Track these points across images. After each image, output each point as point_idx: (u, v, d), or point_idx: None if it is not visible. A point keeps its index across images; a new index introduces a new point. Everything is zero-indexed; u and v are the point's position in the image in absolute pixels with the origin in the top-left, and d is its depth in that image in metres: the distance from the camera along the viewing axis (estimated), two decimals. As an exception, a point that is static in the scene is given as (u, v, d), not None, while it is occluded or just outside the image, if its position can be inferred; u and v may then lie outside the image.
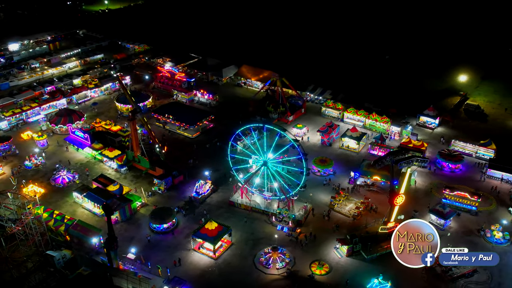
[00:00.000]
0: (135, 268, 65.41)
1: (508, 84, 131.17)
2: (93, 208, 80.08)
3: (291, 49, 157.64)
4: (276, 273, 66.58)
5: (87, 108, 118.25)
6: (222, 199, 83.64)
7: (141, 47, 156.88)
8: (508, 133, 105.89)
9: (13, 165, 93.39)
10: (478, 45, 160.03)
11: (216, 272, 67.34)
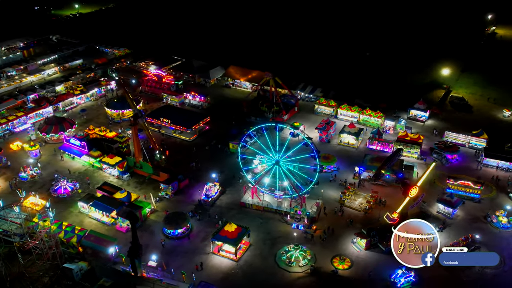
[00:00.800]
0: (158, 275, 64.21)
1: (486, 75, 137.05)
2: (102, 217, 77.94)
3: (277, 48, 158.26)
4: (300, 271, 66.80)
5: (75, 115, 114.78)
6: (232, 201, 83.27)
7: (121, 51, 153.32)
8: (495, 122, 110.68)
9: (6, 178, 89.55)
10: (453, 39, 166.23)
11: (239, 274, 67.04)
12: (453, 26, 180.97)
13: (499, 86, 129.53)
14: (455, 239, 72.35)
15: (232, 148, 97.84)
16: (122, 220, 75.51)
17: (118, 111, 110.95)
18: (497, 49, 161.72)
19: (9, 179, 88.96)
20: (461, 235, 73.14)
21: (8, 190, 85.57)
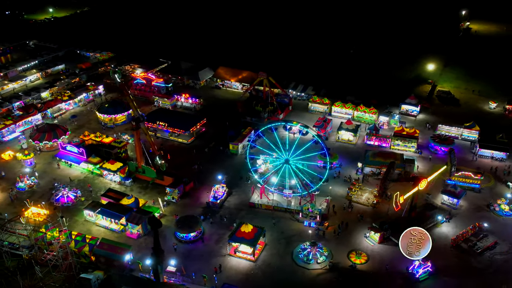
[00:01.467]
0: (179, 280, 63.47)
1: (467, 69, 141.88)
2: (110, 225, 76.30)
3: (265, 48, 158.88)
4: (319, 268, 67.37)
5: (65, 121, 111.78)
6: (240, 202, 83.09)
7: (104, 55, 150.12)
8: (482, 114, 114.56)
9: (2, 189, 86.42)
10: (432, 35, 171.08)
11: (259, 274, 67.02)
12: (430, 22, 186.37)
13: (481, 79, 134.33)
14: (463, 228, 74.56)
15: (233, 149, 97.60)
16: (132, 226, 74.07)
17: (110, 116, 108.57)
18: (474, 43, 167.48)
19: (5, 190, 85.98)
20: (468, 224, 75.55)
21: (7, 202, 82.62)
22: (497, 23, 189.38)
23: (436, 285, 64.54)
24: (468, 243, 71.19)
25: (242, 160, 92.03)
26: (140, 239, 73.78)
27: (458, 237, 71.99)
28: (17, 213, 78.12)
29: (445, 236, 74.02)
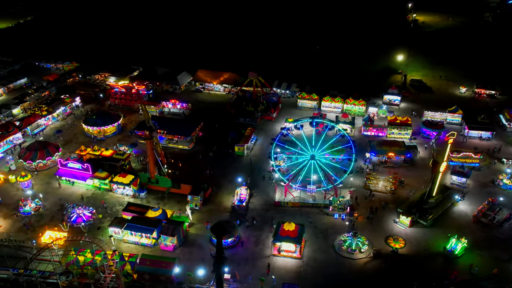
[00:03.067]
0: (236, 286, 62.59)
1: (429, 58, 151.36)
2: (140, 240, 73.19)
3: (239, 49, 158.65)
4: (363, 257, 69.42)
5: (49, 138, 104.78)
6: (264, 202, 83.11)
7: (70, 65, 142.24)
8: (454, 99, 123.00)
9: (4, 215, 79.64)
10: (385, 28, 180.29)
11: (309, 270, 67.73)
12: (380, 15, 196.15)
13: (443, 66, 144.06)
14: (478, 204, 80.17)
15: (238, 151, 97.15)
16: (164, 238, 71.68)
17: (100, 128, 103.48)
18: (426, 34, 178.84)
19: (8, 216, 79.36)
20: (479, 200, 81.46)
21: (15, 228, 76.29)
22: (440, 14, 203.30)
23: (473, 259, 68.76)
24: (487, 218, 76.57)
25: (257, 161, 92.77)
26: (176, 251, 71.45)
27: (479, 212, 77.17)
28: (32, 238, 72.88)
29: (465, 213, 79.19)
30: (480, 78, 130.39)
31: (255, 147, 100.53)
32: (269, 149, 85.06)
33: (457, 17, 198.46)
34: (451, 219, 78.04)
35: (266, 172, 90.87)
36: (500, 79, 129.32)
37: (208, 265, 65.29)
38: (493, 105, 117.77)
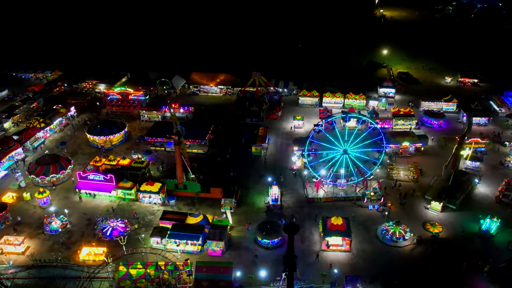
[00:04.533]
0: (298, 284, 63.02)
1: (408, 50, 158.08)
2: (184, 247, 71.75)
3: (227, 50, 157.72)
4: (408, 244, 72.02)
5: (52, 150, 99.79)
6: (296, 199, 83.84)
7: (53, 74, 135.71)
8: (441, 88, 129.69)
9: (29, 235, 75.16)
10: (358, 23, 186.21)
11: (361, 262, 69.25)
12: (348, 11, 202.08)
13: (422, 57, 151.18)
14: (494, 186, 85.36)
15: (255, 151, 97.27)
16: (210, 243, 70.82)
17: (107, 137, 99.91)
18: (396, 27, 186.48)
19: (33, 236, 74.97)
20: (493, 182, 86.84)
21: (46, 247, 72.27)
22: (405, 8, 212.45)
23: (506, 237, 73.19)
24: (508, 198, 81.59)
25: (274, 159, 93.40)
26: (225, 255, 70.74)
27: (500, 193, 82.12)
28: (69, 256, 69.54)
29: (486, 195, 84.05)
30: (459, 67, 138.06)
31: (269, 147, 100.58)
32: (285, 148, 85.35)
33: (421, 11, 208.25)
34: (475, 201, 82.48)
35: (288, 170, 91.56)
36: (477, 68, 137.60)
37: (266, 266, 65.36)
38: (480, 92, 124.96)
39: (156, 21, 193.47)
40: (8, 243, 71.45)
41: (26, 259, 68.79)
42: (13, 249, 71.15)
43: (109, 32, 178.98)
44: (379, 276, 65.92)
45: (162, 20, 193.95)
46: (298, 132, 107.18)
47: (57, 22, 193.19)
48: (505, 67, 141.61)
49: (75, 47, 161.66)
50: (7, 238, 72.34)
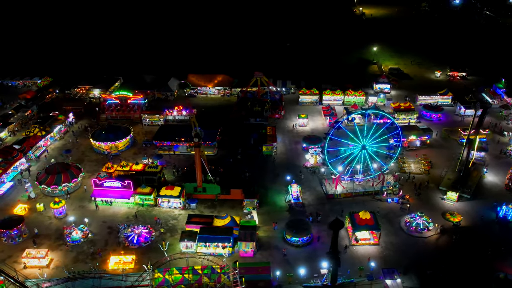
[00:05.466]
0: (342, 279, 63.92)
1: (395, 47, 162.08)
2: (215, 250, 71.30)
3: (220, 50, 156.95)
4: (433, 233, 74.18)
5: (56, 158, 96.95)
6: (315, 196, 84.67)
7: (44, 81, 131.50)
8: (432, 82, 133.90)
9: (50, 247, 72.57)
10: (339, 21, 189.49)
11: (391, 254, 70.67)
12: (327, 10, 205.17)
13: (410, 52, 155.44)
14: (501, 174, 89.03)
15: (266, 150, 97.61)
16: (243, 245, 70.76)
17: (114, 142, 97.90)
18: (377, 24, 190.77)
19: (54, 248, 72.55)
20: (498, 170, 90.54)
21: (70, 259, 70.13)
22: (382, 6, 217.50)
23: (521, 222, 76.73)
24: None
25: (286, 158, 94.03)
26: (256, 255, 70.76)
27: (509, 180, 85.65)
28: (98, 266, 67.91)
29: (495, 183, 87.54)
30: (445, 61, 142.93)
31: (277, 146, 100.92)
32: (294, 146, 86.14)
33: (398, 7, 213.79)
34: (486, 189, 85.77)
35: (302, 167, 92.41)
36: (463, 61, 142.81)
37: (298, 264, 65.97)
38: (470, 85, 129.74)
39: (149, 23, 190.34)
40: (32, 256, 68.92)
41: (53, 272, 66.62)
42: (37, 263, 68.67)
43: (98, 35, 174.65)
44: (411, 267, 67.41)
45: (155, 23, 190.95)
46: (304, 130, 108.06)
47: (43, 27, 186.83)
48: (489, 60, 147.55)
49: (62, 52, 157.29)
50: (29, 252, 69.75)
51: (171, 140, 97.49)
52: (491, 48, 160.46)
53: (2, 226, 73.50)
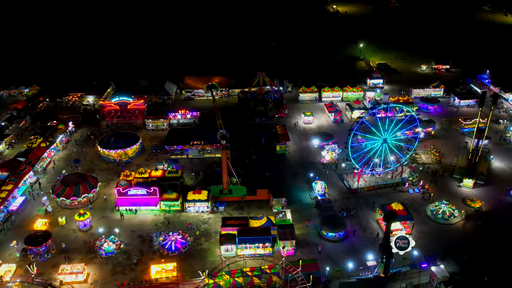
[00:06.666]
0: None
1: (376, 43, 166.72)
2: (255, 251, 71.33)
3: (213, 52, 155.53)
4: (459, 220, 77.52)
5: (66, 169, 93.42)
6: (339, 192, 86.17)
7: (32, 89, 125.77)
8: (419, 75, 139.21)
9: (83, 260, 70.06)
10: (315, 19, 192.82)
11: (426, 243, 73.06)
12: (301, 8, 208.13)
13: (392, 47, 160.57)
14: (506, 160, 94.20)
15: (280, 149, 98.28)
16: (280, 243, 71.23)
17: (124, 150, 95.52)
18: (353, 22, 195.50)
19: (87, 262, 70.00)
20: (504, 156, 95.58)
21: (107, 271, 68.00)
22: (354, 4, 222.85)
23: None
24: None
25: (300, 156, 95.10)
26: (297, 253, 71.37)
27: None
28: (136, 277, 66.43)
29: (502, 168, 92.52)
30: (428, 54, 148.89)
31: (289, 144, 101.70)
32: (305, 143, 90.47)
33: (371, 5, 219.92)
34: (495, 175, 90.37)
35: (318, 164, 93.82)
36: (444, 54, 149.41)
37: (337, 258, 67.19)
38: (457, 77, 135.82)
39: (140, 26, 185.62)
40: (68, 272, 66.32)
41: (92, 287, 64.61)
42: (74, 278, 66.14)
43: (85, 40, 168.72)
44: (447, 253, 70.10)
45: (146, 26, 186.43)
46: (311, 127, 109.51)
47: (26, 32, 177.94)
48: (469, 52, 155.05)
49: (48, 58, 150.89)
50: (64, 268, 67.09)
51: (184, 144, 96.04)
52: (467, 41, 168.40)
53: (29, 242, 70.13)
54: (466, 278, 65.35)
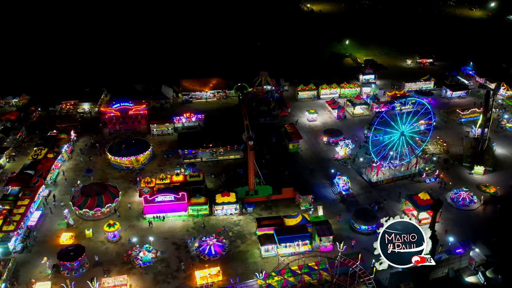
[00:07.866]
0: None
1: (358, 40, 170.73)
2: (294, 250, 71.99)
3: (207, 53, 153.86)
4: (478, 205, 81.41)
5: (77, 179, 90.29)
6: (359, 186, 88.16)
7: (22, 99, 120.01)
8: (405, 70, 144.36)
9: (120, 273, 68.25)
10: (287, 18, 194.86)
11: (453, 228, 76.23)
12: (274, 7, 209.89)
13: (374, 43, 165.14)
14: (506, 147, 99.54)
15: (293, 147, 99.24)
16: (322, 240, 72.31)
17: (137, 157, 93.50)
18: (329, 20, 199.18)
19: (124, 273, 68.24)
20: (504, 143, 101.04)
21: (149, 281, 66.80)
22: (327, 2, 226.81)
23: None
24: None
25: (312, 153, 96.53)
26: (335, 249, 72.44)
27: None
28: (183, 284, 65.72)
29: (505, 155, 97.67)
30: (411, 49, 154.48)
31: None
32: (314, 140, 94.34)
33: (345, 3, 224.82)
34: (501, 162, 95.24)
35: (332, 159, 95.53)
36: (428, 49, 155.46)
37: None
38: (441, 70, 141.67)
39: (131, 30, 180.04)
40: (112, 285, 64.41)
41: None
42: (117, 291, 64.31)
43: (73, 45, 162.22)
44: (475, 237, 73.46)
45: (137, 29, 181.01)
46: (316, 124, 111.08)
47: (12, 41, 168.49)
48: (448, 45, 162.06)
49: (35, 66, 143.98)
50: (105, 281, 65.06)
51: (198, 147, 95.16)
52: (445, 35, 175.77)
53: (62, 258, 67.45)
54: (499, 260, 68.70)
